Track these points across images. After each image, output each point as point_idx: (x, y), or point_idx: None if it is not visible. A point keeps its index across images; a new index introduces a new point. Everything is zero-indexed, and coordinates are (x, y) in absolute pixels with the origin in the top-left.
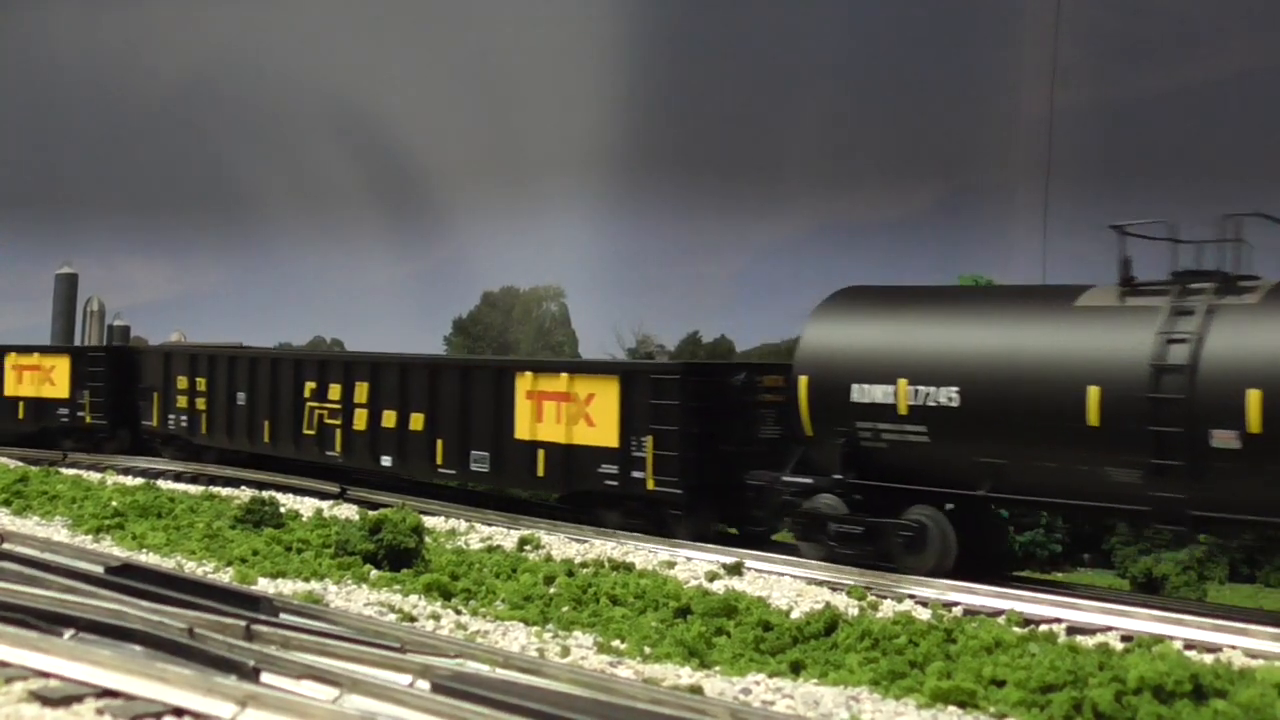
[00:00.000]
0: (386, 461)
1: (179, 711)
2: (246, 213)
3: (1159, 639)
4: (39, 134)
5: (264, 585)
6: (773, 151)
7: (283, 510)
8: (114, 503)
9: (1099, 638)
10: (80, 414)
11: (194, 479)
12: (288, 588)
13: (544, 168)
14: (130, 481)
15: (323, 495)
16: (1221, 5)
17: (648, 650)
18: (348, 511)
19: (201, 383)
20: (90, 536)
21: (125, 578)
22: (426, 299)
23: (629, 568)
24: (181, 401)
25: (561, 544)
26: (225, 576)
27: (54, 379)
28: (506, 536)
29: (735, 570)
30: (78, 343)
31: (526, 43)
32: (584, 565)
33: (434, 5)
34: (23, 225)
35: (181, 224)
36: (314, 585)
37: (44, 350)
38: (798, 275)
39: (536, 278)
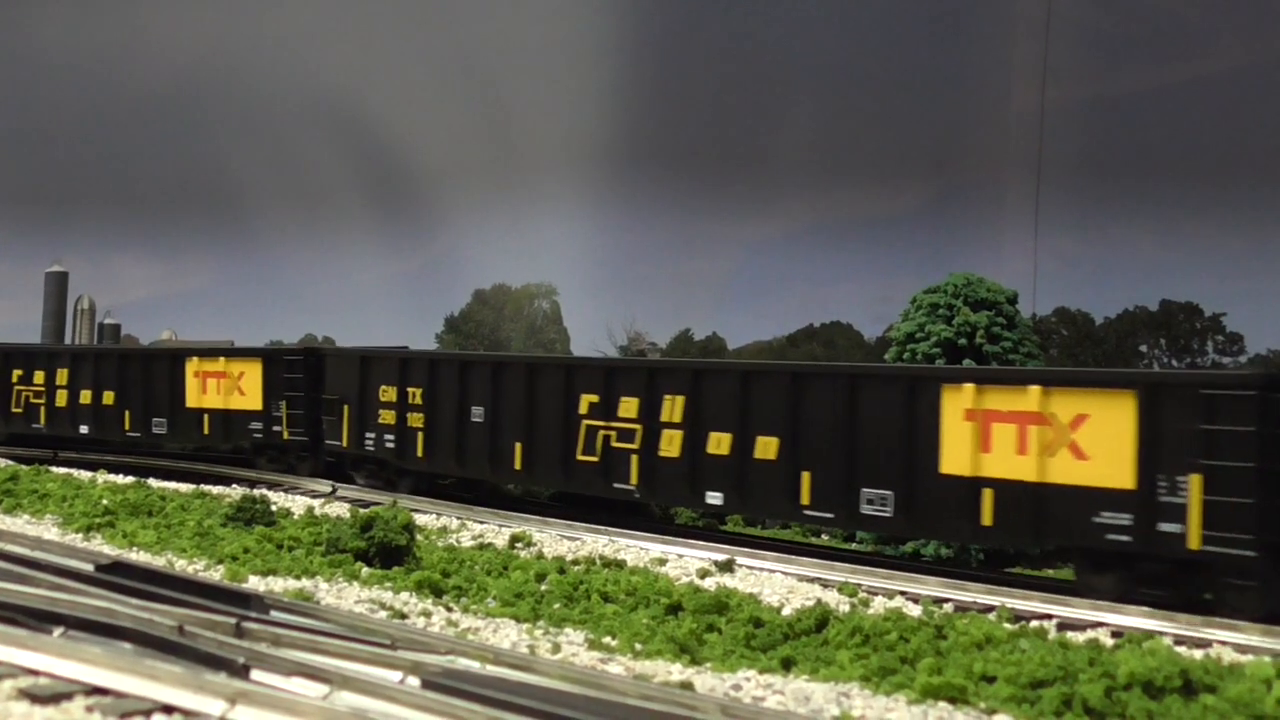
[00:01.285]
0: (714, 499)
1: (169, 709)
2: (237, 210)
3: (1149, 635)
4: (29, 131)
5: (255, 583)
6: (764, 149)
7: (274, 508)
8: (105, 501)
9: (1089, 634)
10: (276, 429)
11: (184, 477)
12: (278, 585)
13: (535, 165)
14: (121, 480)
15: (314, 493)
16: (1211, 3)
17: (639, 647)
18: (339, 509)
19: (416, 394)
20: (81, 535)
21: (115, 575)
22: (418, 296)
23: (620, 565)
24: (386, 417)
25: (553, 541)
26: (216, 574)
27: (244, 387)
28: (498, 534)
29: (726, 567)
30: (68, 342)
31: (518, 40)
32: (575, 562)
33: (425, 3)
34: (12, 223)
35: (172, 221)
36: (305, 583)
37: (231, 354)
38: (789, 273)
39: (528, 275)
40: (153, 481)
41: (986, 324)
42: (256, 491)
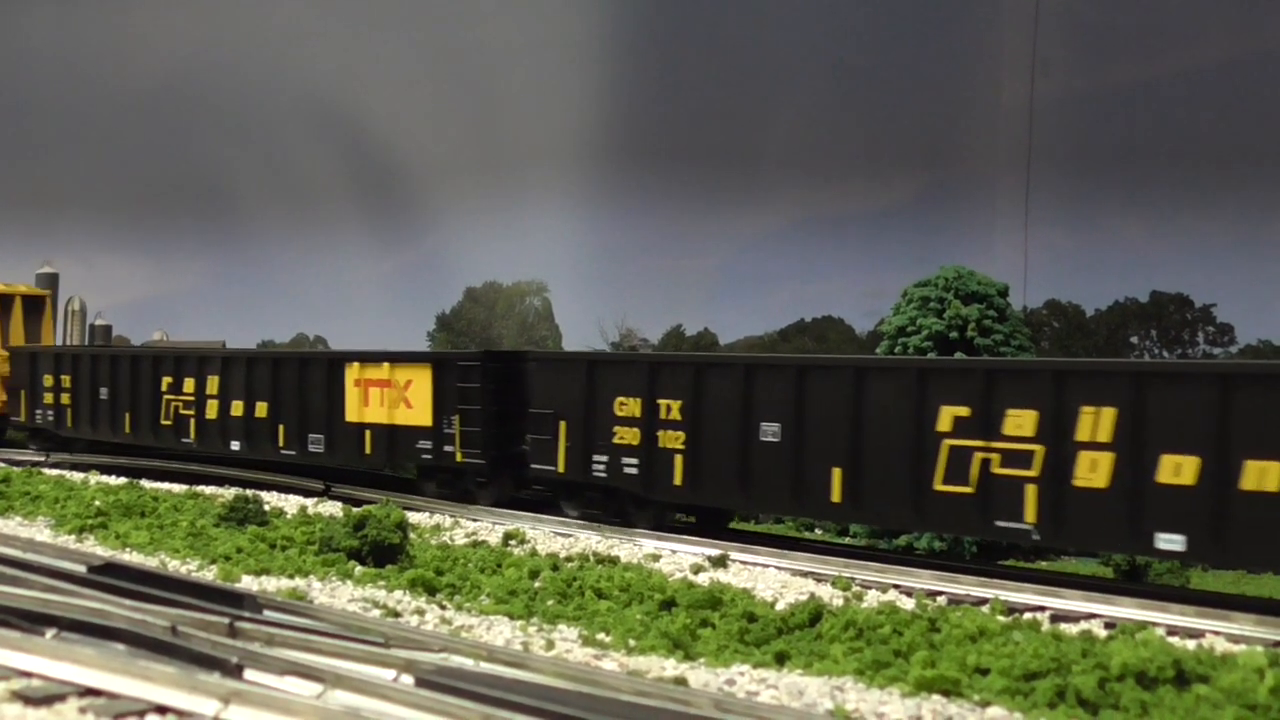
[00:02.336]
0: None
1: (162, 709)
2: (227, 210)
3: (1142, 626)
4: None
5: (248, 583)
6: (754, 145)
7: (267, 508)
8: (97, 502)
9: (1083, 625)
10: (448, 449)
11: (177, 477)
12: (272, 585)
13: (526, 162)
14: (113, 481)
15: (307, 492)
16: None
17: (633, 643)
18: (332, 508)
19: (671, 407)
20: (73, 536)
21: (108, 576)
22: (409, 294)
23: (614, 561)
24: (625, 435)
25: (546, 538)
26: (209, 574)
27: (411, 398)
28: (491, 531)
29: (720, 563)
30: (58, 343)
31: (508, 37)
32: (569, 559)
33: (414, 1)
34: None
35: (162, 222)
36: (298, 582)
37: (396, 359)
38: (780, 267)
39: (519, 273)
40: (145, 482)
41: (978, 317)
42: (249, 491)
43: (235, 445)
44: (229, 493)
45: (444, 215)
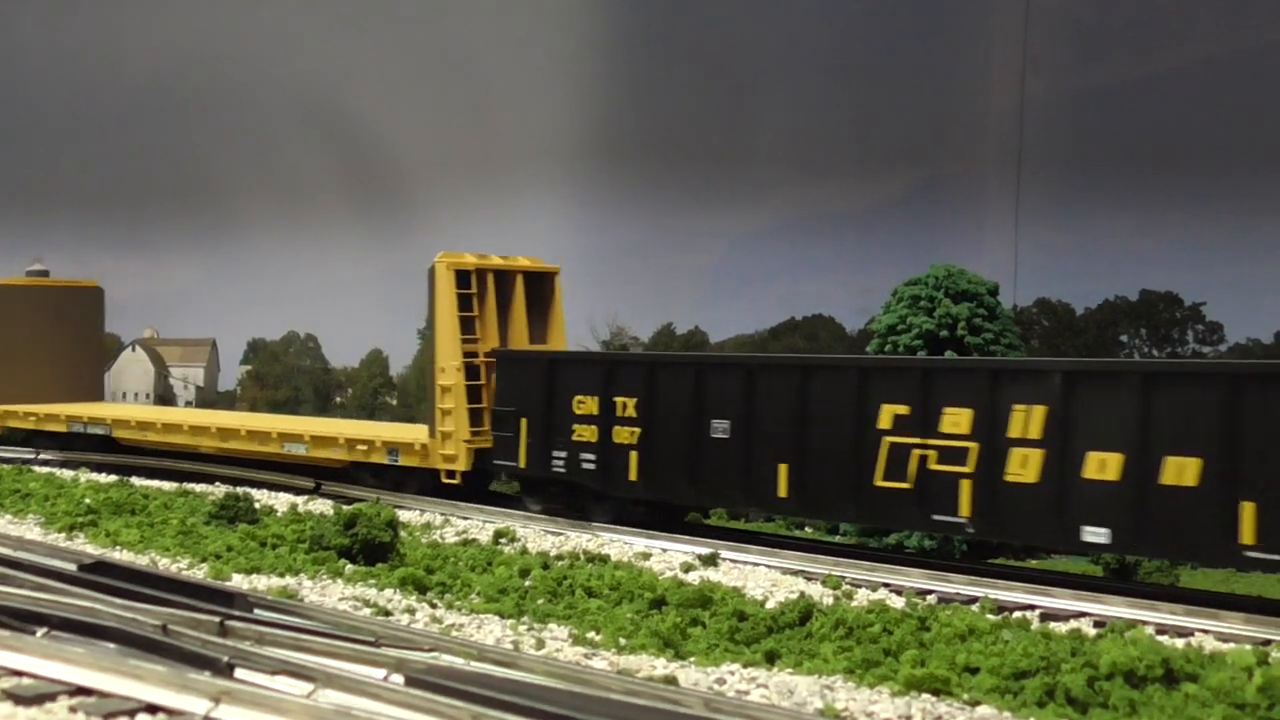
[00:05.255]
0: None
1: (153, 708)
2: (218, 208)
3: (1131, 624)
4: (7, 129)
5: (238, 581)
6: (745, 143)
7: (257, 506)
8: (87, 500)
9: (1072, 624)
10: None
11: (168, 475)
12: (262, 583)
13: (518, 160)
14: (104, 478)
15: (297, 490)
16: None
17: (623, 642)
18: (322, 506)
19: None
20: (63, 534)
21: (98, 575)
22: (401, 293)
23: (604, 560)
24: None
25: (537, 537)
26: (199, 573)
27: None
28: (482, 530)
29: (710, 561)
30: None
31: (500, 35)
32: (559, 558)
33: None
34: None
35: (153, 219)
36: (289, 581)
37: None
38: (771, 266)
39: None
40: (135, 480)
41: (968, 315)
42: (240, 489)
43: (1097, 536)
44: (219, 490)
45: (436, 212)
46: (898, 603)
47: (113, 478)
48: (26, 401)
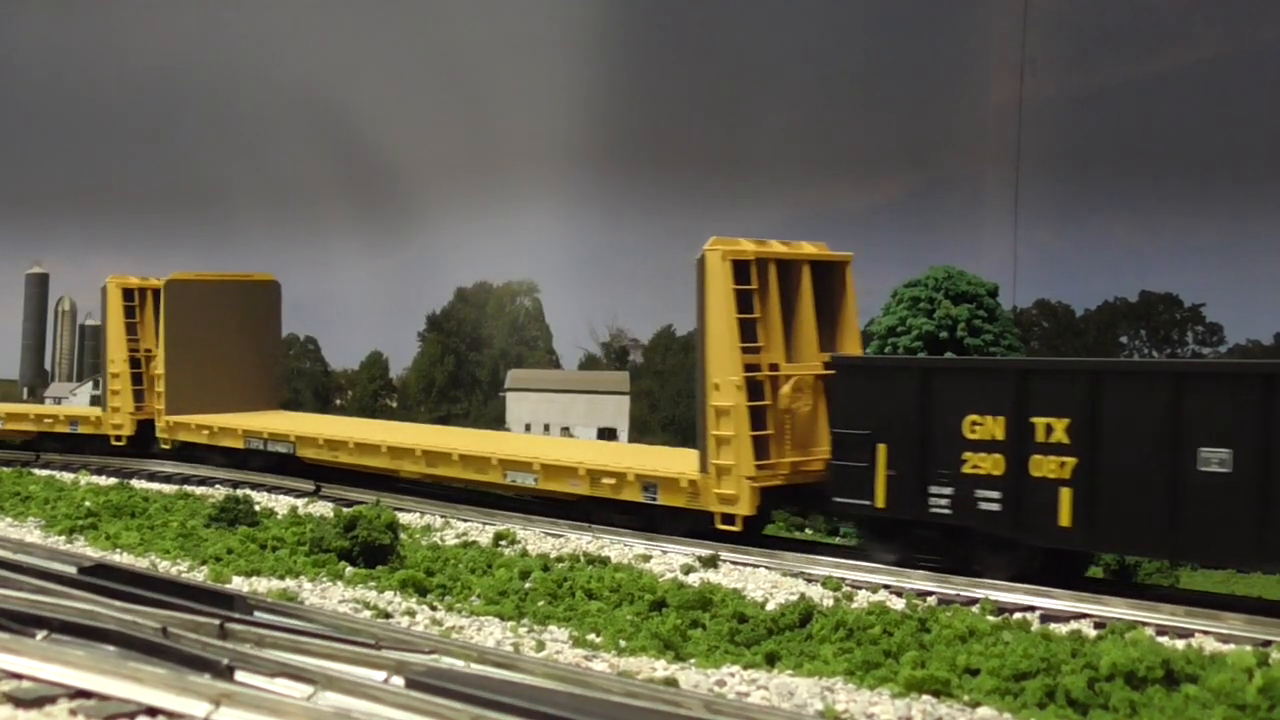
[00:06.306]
0: None
1: (153, 711)
2: (217, 209)
3: (1132, 626)
4: (8, 130)
5: (238, 583)
6: (745, 143)
7: (257, 508)
8: (87, 503)
9: (1072, 625)
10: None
11: (168, 478)
12: (262, 586)
13: (516, 162)
14: (104, 481)
15: (298, 493)
16: None
17: (623, 644)
18: (323, 509)
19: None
20: (64, 537)
21: (98, 578)
22: (399, 295)
23: (604, 562)
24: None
25: (537, 539)
26: (199, 575)
27: None
28: (482, 532)
29: (710, 563)
30: (49, 345)
31: (497, 37)
32: (559, 560)
33: (405, 2)
34: None
35: (152, 221)
36: (289, 583)
37: None
38: None
39: (510, 273)
40: (136, 483)
41: (968, 317)
42: (240, 492)
43: None
44: (219, 493)
45: (434, 215)
46: (898, 604)
47: (112, 480)
48: (199, 411)
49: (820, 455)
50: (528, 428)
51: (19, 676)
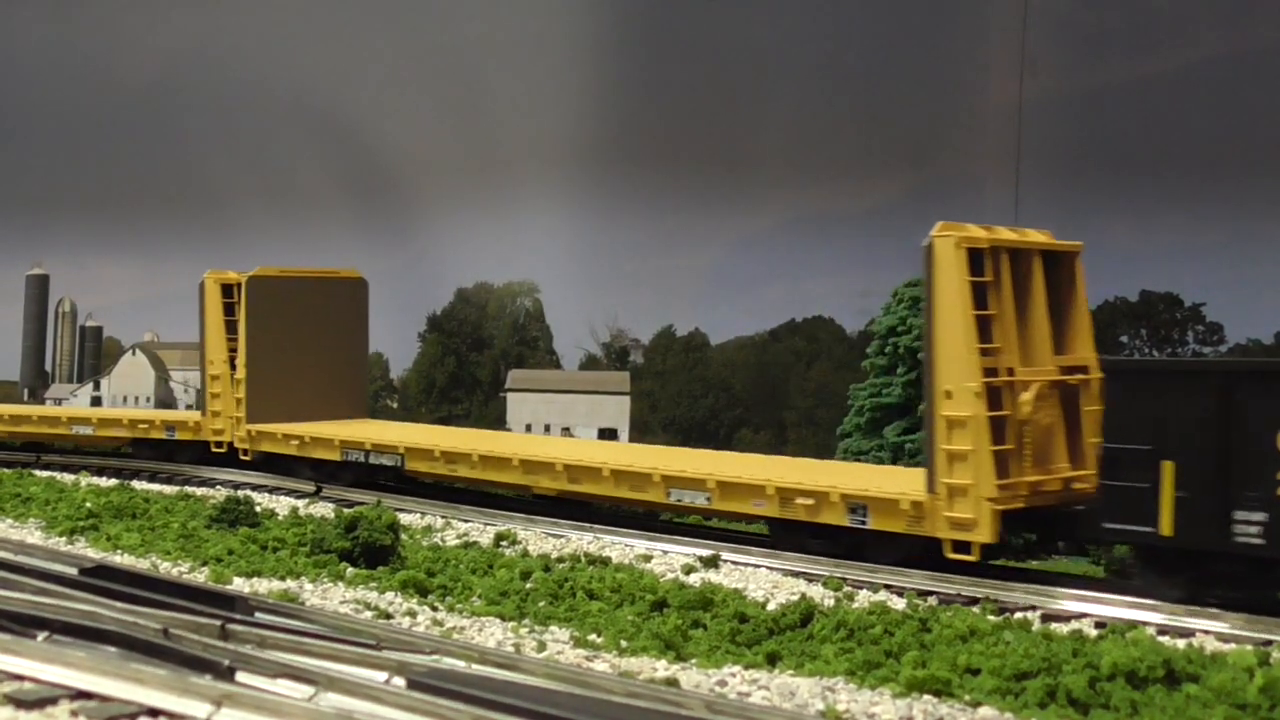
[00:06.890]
0: None
1: (154, 712)
2: (218, 211)
3: (1133, 625)
4: (7, 131)
5: (239, 584)
6: (744, 145)
7: (258, 509)
8: (88, 504)
9: (1073, 625)
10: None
11: (169, 479)
12: (263, 587)
13: (516, 162)
14: (105, 482)
15: (298, 494)
16: None
17: (624, 644)
18: (323, 510)
19: None
20: (64, 538)
21: (99, 579)
22: (400, 296)
23: (605, 562)
24: None
25: (538, 539)
26: (200, 576)
27: None
28: (483, 532)
29: (711, 563)
30: (49, 347)
31: (498, 38)
32: (560, 560)
33: (405, 3)
34: None
35: (152, 223)
36: (290, 584)
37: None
38: (771, 268)
39: (510, 273)
40: (136, 484)
41: None
42: (241, 493)
43: None
44: (220, 494)
45: (435, 215)
46: (899, 604)
47: (113, 481)
48: (285, 419)
49: (1059, 473)
50: (528, 428)
51: (20, 678)
